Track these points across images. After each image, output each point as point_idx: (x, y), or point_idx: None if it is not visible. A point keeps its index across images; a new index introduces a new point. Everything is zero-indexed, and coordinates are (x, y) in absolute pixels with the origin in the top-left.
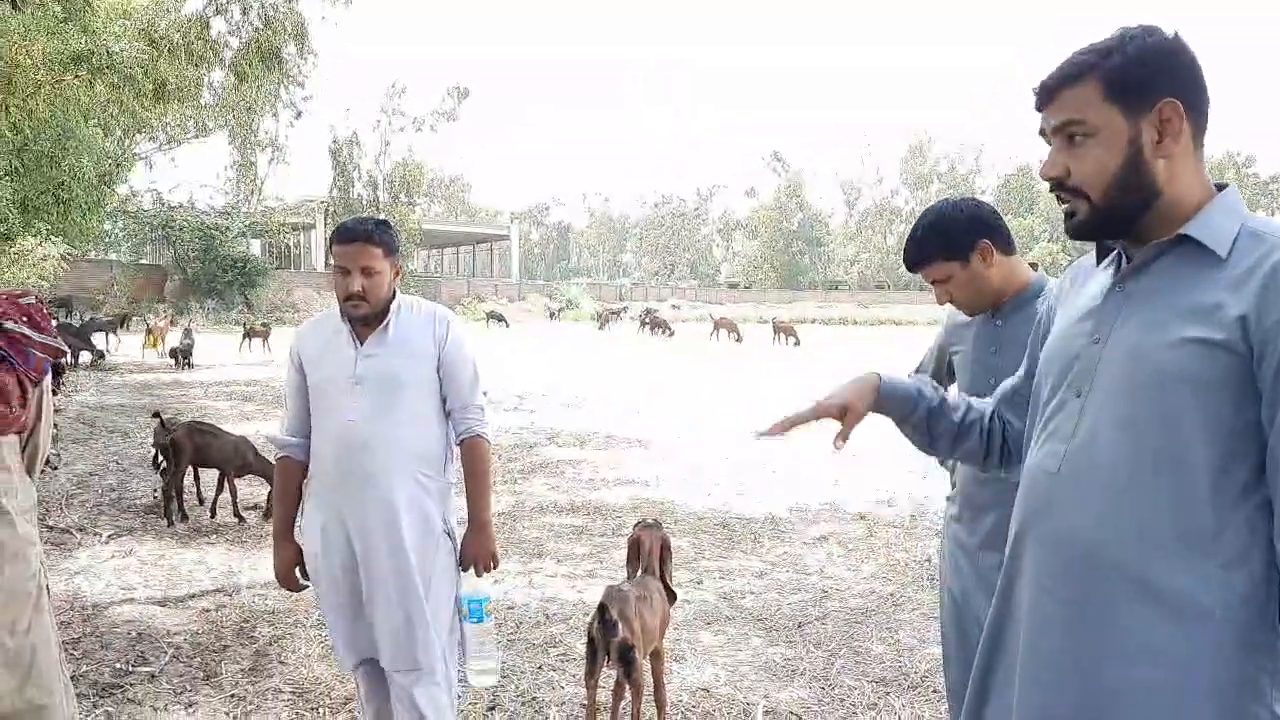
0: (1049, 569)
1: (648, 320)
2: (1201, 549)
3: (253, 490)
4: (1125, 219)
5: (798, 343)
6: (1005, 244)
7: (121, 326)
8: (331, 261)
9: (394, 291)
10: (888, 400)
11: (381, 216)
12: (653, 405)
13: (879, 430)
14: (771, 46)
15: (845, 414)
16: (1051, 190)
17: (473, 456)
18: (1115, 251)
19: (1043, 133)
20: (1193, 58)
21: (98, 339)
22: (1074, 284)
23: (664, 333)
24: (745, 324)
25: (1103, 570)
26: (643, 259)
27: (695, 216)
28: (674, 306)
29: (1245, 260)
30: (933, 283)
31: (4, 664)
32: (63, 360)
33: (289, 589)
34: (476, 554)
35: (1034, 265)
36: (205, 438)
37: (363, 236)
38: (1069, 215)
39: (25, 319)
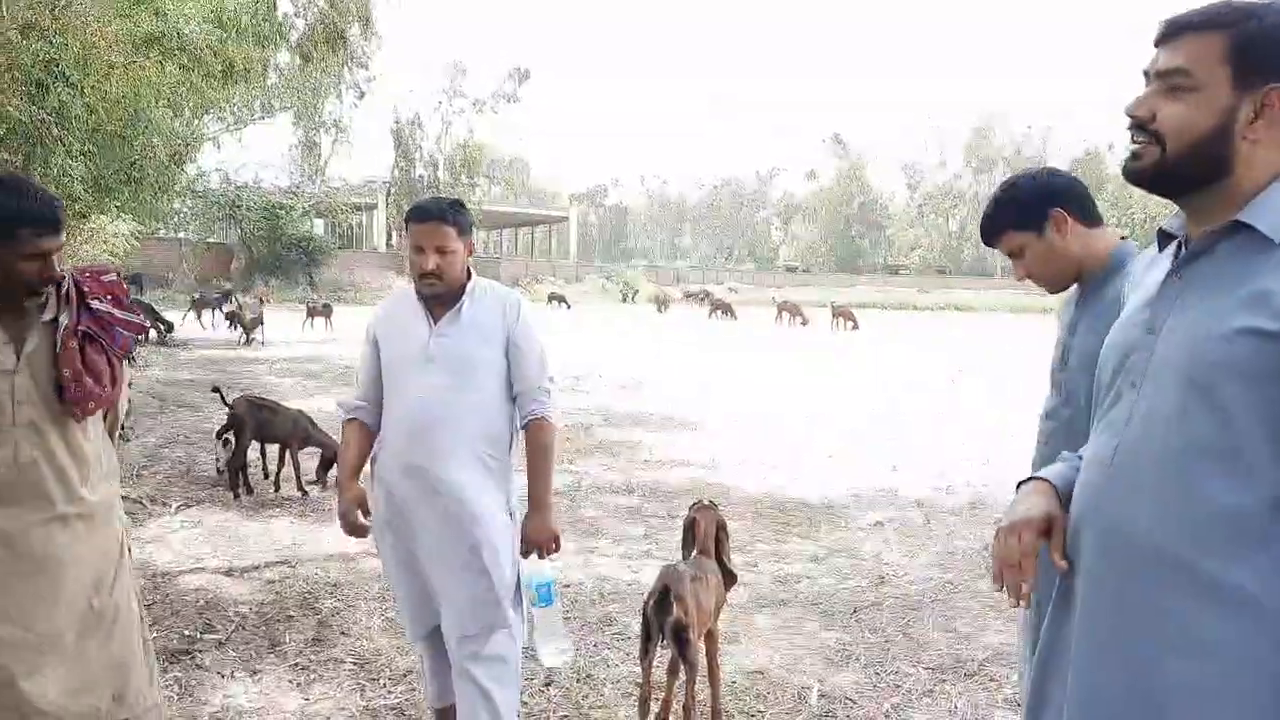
0: (1102, 561)
1: (712, 303)
2: (1255, 542)
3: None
4: (1186, 181)
5: (856, 327)
6: (1084, 213)
7: (228, 302)
8: (400, 241)
9: (469, 272)
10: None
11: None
12: (710, 388)
13: (935, 417)
14: (834, 26)
15: (1052, 524)
16: (1129, 128)
17: (537, 439)
18: (1176, 239)
19: (1146, 73)
20: None
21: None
22: (1142, 271)
23: (727, 315)
24: (804, 308)
25: (1155, 563)
26: (700, 242)
27: (754, 199)
28: (731, 289)
29: None
30: (1010, 256)
31: (93, 621)
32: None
33: (354, 531)
34: (538, 537)
35: (1125, 237)
36: (265, 413)
37: (437, 216)
38: (1134, 156)
39: (109, 297)
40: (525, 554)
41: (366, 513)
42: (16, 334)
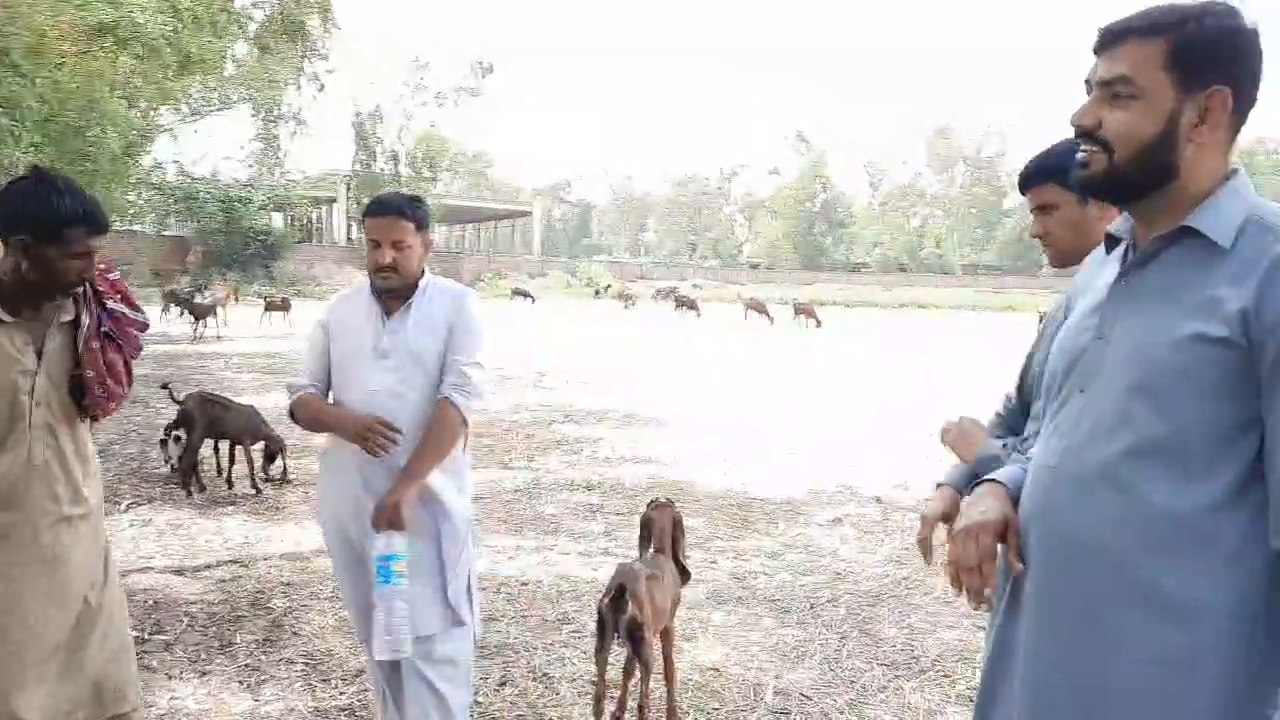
0: (1050, 563)
1: (677, 299)
2: (1200, 547)
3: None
4: (1135, 187)
5: (819, 324)
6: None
7: (200, 296)
8: (360, 235)
9: (424, 270)
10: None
11: (414, 192)
12: (673, 385)
13: (895, 414)
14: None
15: (1007, 527)
16: (1076, 138)
17: (438, 415)
18: (1123, 243)
19: (1088, 82)
20: (1260, 55)
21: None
22: (1090, 274)
23: (691, 311)
24: (770, 306)
25: (1101, 565)
26: (665, 238)
27: (718, 195)
28: (695, 286)
29: (1249, 252)
30: (1037, 209)
31: (91, 617)
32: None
33: (376, 433)
34: (388, 503)
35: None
36: (216, 409)
37: (395, 210)
38: (1083, 165)
39: (119, 296)
40: (375, 524)
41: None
42: (36, 335)
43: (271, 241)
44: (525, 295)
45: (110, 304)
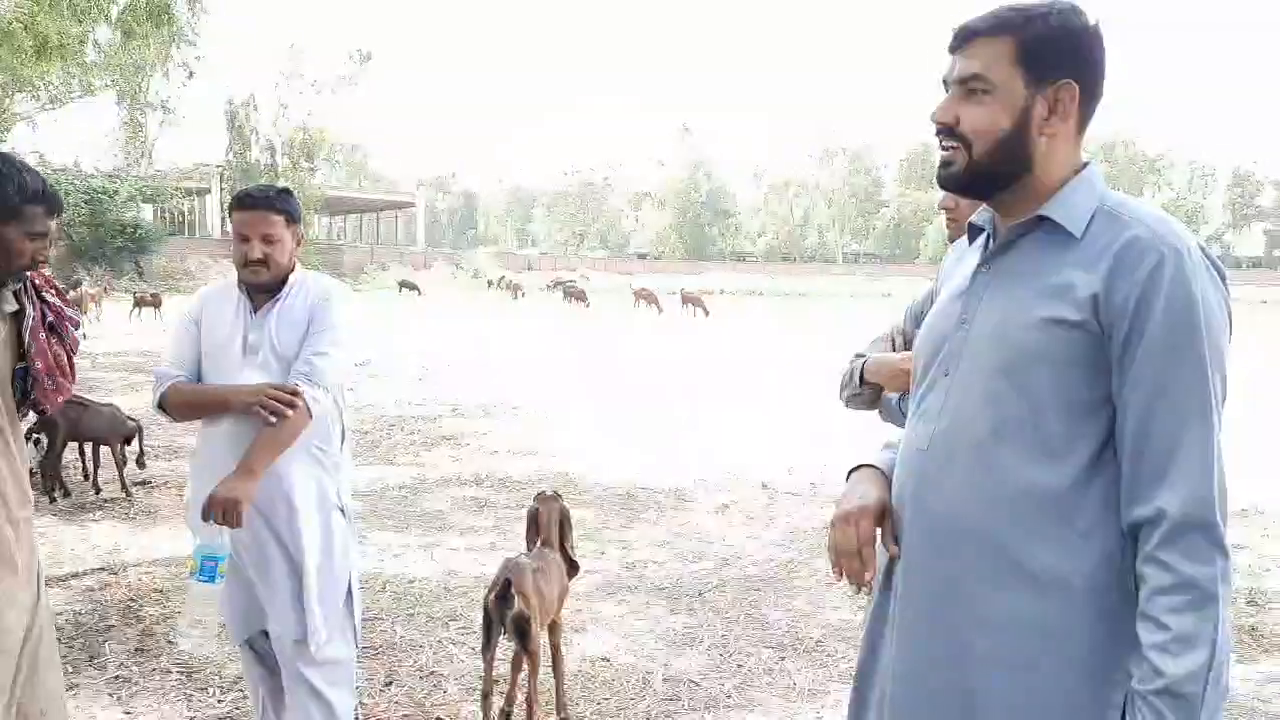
0: (921, 544)
1: (566, 290)
2: (1060, 520)
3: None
4: (995, 180)
5: (707, 313)
6: None
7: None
8: (230, 228)
9: (295, 264)
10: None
11: (283, 184)
12: (561, 376)
13: (779, 400)
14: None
15: (884, 511)
16: (937, 135)
17: None
18: (985, 232)
19: (945, 81)
20: (1103, 51)
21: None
22: (952, 264)
23: (580, 302)
24: (660, 295)
25: (969, 543)
26: (551, 228)
27: (604, 186)
28: (583, 277)
29: (1099, 240)
30: None
31: (39, 621)
32: None
33: (272, 398)
34: (224, 494)
35: None
36: (76, 410)
37: (263, 204)
38: (945, 163)
39: (53, 290)
40: (205, 516)
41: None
42: None
43: (140, 235)
44: (412, 288)
45: (48, 297)
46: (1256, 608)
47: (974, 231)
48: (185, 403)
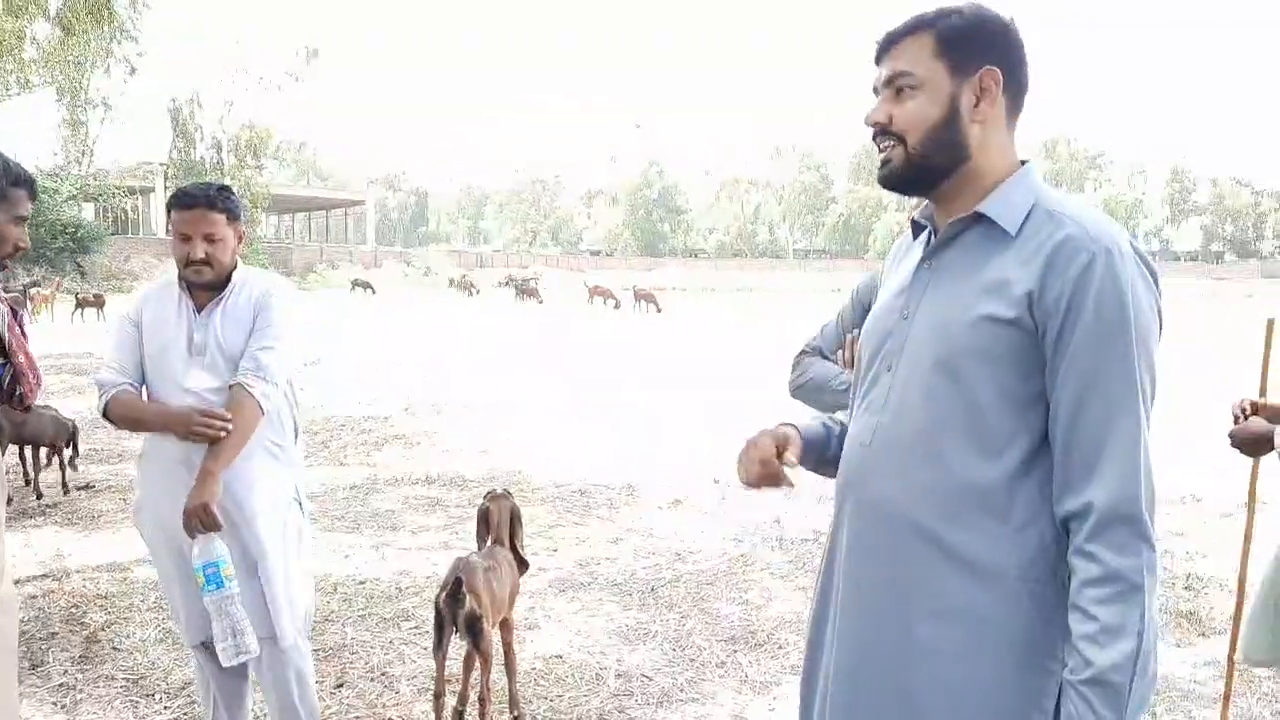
0: (863, 537)
1: (520, 287)
2: (996, 513)
3: (83, 469)
4: (934, 172)
5: (659, 309)
6: None
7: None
8: (171, 228)
9: (236, 262)
10: (809, 448)
11: (224, 181)
12: (514, 374)
13: (732, 394)
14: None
15: (784, 447)
16: (874, 138)
17: (228, 404)
18: (926, 229)
19: (875, 89)
20: (1021, 42)
21: None
22: (895, 260)
23: (533, 299)
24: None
25: (910, 536)
26: (504, 226)
27: (556, 184)
28: (535, 275)
29: (1034, 238)
30: None
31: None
32: None
33: (203, 424)
34: (193, 506)
35: None
36: (19, 413)
37: (204, 202)
38: (884, 163)
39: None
40: (189, 532)
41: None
42: None
43: (82, 235)
44: (365, 286)
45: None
46: (1193, 593)
47: (916, 228)
48: (125, 417)
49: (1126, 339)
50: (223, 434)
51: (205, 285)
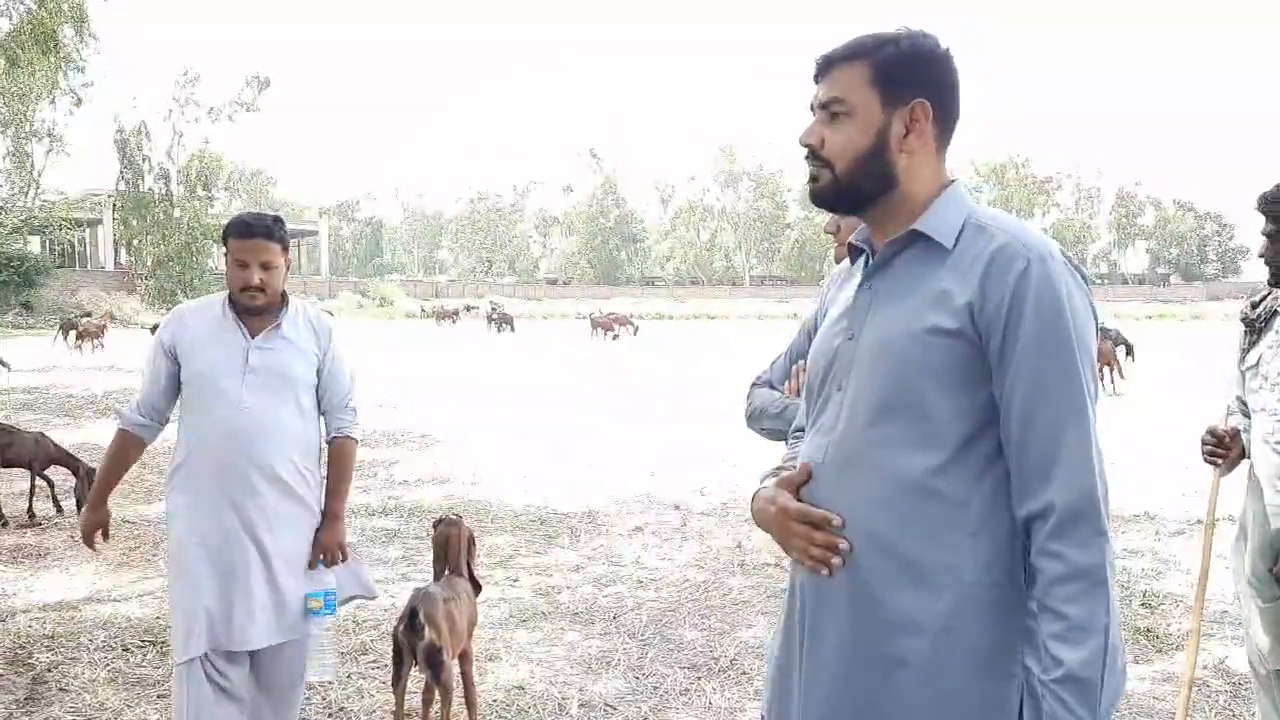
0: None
1: (492, 316)
2: (951, 521)
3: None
4: (860, 196)
5: (616, 337)
6: None
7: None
8: (129, 258)
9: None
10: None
11: (178, 213)
12: (470, 401)
13: (691, 421)
14: (588, 38)
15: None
16: (805, 158)
17: (340, 453)
18: (864, 252)
19: (812, 106)
20: (955, 72)
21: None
22: (836, 286)
23: (507, 329)
24: (565, 319)
25: (868, 548)
26: (460, 255)
27: (512, 213)
28: (493, 304)
29: (970, 251)
30: None
31: None
32: None
33: (88, 545)
34: (329, 543)
35: None
36: (5, 436)
37: (262, 232)
38: (813, 180)
39: None
40: (312, 563)
41: (106, 536)
42: None
43: (27, 268)
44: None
45: None
46: (1150, 610)
47: (855, 252)
48: (110, 463)
49: (1068, 339)
50: (93, 547)
51: (257, 310)
